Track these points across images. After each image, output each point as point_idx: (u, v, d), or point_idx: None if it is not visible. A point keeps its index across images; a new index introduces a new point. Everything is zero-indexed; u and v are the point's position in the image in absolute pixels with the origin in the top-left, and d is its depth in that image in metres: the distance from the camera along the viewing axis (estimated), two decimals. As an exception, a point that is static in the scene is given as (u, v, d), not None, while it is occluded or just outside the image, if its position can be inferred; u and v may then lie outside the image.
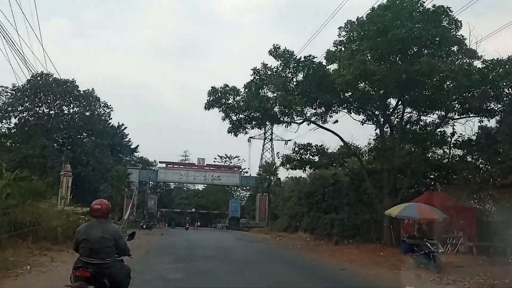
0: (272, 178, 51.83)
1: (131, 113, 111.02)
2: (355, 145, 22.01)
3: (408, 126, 20.95)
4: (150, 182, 66.62)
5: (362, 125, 21.77)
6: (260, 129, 23.58)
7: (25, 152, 50.47)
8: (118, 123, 67.38)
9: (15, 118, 53.05)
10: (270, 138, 79.12)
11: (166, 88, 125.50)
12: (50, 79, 54.11)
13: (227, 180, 57.42)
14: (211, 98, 20.62)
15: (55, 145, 55.09)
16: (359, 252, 18.71)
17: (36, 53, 46.33)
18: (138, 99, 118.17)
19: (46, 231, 15.39)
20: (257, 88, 19.54)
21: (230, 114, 21.43)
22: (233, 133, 22.12)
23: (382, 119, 21.12)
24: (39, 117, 53.70)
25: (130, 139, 68.59)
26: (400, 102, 19.98)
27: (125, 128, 67.78)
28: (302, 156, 22.81)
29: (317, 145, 22.76)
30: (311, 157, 22.91)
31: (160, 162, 54.91)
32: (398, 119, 20.58)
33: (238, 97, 20.80)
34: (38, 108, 54.83)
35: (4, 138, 53.65)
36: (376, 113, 21.14)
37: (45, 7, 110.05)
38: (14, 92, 53.39)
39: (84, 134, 58.12)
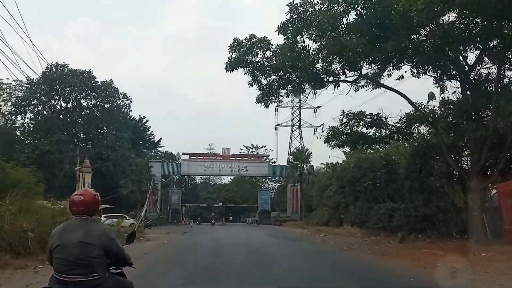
0: (304, 166, 46.43)
1: (157, 108, 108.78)
2: (427, 107, 16.18)
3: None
4: (174, 176, 62.86)
5: (437, 83, 16.09)
6: (297, 95, 18.02)
7: (42, 148, 47.39)
8: (140, 115, 63.82)
9: (30, 112, 49.98)
10: (298, 125, 73.88)
11: (191, 82, 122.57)
12: (66, 70, 50.88)
13: (255, 170, 52.47)
14: (234, 55, 15.51)
15: (75, 140, 51.85)
16: (446, 253, 13.22)
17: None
18: (163, 94, 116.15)
19: (11, 237, 10.83)
20: (294, 33, 14.20)
21: (259, 77, 16.29)
22: (263, 103, 17.01)
23: (465, 68, 15.38)
24: (55, 111, 50.46)
25: (152, 132, 64.95)
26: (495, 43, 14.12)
27: (147, 121, 64.08)
28: (353, 129, 17.41)
29: (371, 113, 17.29)
30: (364, 129, 17.47)
31: (183, 153, 50.76)
32: (495, 67, 14.72)
33: (268, 52, 15.59)
34: (54, 102, 51.62)
35: (21, 134, 50.73)
36: (456, 63, 15.36)
37: (69, 7, 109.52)
38: (29, 85, 50.15)
39: (104, 128, 54.51)
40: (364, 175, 25.41)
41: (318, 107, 73.29)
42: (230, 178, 73.62)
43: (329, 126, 17.40)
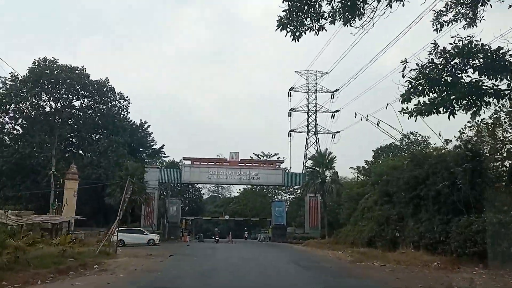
0: (327, 173, 38.06)
1: (165, 121, 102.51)
2: None
3: None
4: (177, 185, 54.80)
5: None
6: (350, 19, 9.35)
7: (22, 152, 40.04)
8: (141, 120, 56.56)
9: (12, 112, 42.83)
10: (314, 130, 65.64)
11: (199, 95, 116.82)
12: (55, 66, 43.96)
13: (267, 179, 44.14)
14: None
15: (62, 143, 44.48)
16: None
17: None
18: (172, 107, 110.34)
19: None
20: None
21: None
22: (289, 30, 9.09)
23: None
24: (41, 111, 43.26)
25: (154, 138, 57.35)
26: None
27: (149, 126, 56.64)
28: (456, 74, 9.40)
29: (488, 46, 9.32)
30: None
31: (184, 158, 42.68)
32: None
33: None
34: (40, 100, 44.43)
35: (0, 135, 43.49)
36: None
37: (79, 27, 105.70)
38: (13, 82, 43.16)
39: (96, 130, 47.09)
40: (428, 176, 17.07)
41: (337, 111, 65.22)
42: (239, 190, 65.31)
43: (420, 65, 9.26)
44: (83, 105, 45.93)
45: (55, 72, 42.94)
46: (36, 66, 43.57)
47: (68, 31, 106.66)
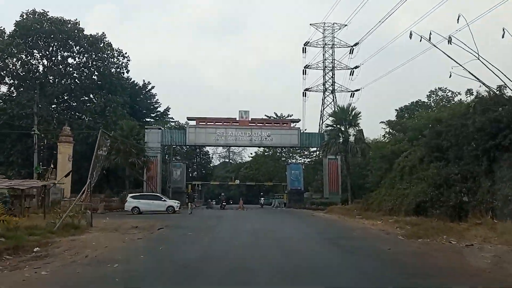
0: (350, 131, 32.74)
1: (176, 92, 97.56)
2: None
3: None
4: (181, 147, 50.21)
5: None
6: None
7: (10, 112, 35.59)
8: (144, 81, 51.42)
9: (-3, 69, 38.00)
10: (331, 89, 59.47)
11: (210, 66, 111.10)
12: (45, 19, 38.65)
13: (281, 140, 39.02)
14: None
15: (53, 102, 39.88)
16: None
17: None
18: (183, 77, 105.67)
19: None
20: None
21: None
22: None
23: None
24: (28, 68, 38.35)
25: (158, 99, 52.33)
26: None
27: (153, 87, 51.52)
28: None
29: None
30: None
31: (188, 118, 37.66)
32: None
33: None
34: (30, 57, 39.46)
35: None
36: None
37: None
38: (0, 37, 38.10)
39: (94, 90, 42.03)
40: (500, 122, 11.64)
41: (356, 67, 58.46)
42: (251, 153, 60.55)
43: None
44: (77, 62, 40.87)
45: (45, 26, 37.76)
46: (24, 19, 38.41)
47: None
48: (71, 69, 40.90)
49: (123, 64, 43.64)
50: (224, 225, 16.83)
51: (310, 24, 58.20)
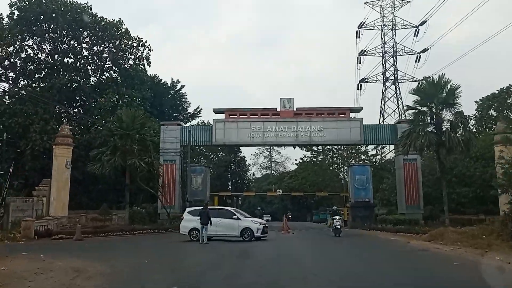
0: (444, 115, 21.59)
1: (216, 105, 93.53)
2: None
3: None
4: (202, 148, 40.85)
5: None
6: None
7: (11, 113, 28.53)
8: (172, 79, 43.70)
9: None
10: (393, 79, 47.84)
11: (251, 81, 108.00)
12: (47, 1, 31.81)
13: (336, 135, 28.42)
14: None
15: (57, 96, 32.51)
16: None
17: None
18: (225, 93, 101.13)
19: None
20: None
21: None
22: None
23: None
24: (24, 55, 31.43)
25: (187, 99, 44.01)
26: None
27: (183, 87, 43.53)
28: None
29: None
30: None
31: (215, 111, 28.17)
32: None
33: None
34: (33, 44, 32.61)
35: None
36: None
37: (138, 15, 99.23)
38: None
39: (107, 83, 34.15)
40: None
41: (424, 50, 46.52)
42: (296, 160, 49.96)
43: None
44: (88, 50, 33.49)
45: (49, 8, 30.83)
46: (23, 2, 31.81)
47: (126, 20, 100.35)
48: (79, 58, 33.43)
49: (144, 55, 35.60)
50: (248, 278, 6.55)
51: (365, 3, 47.72)
